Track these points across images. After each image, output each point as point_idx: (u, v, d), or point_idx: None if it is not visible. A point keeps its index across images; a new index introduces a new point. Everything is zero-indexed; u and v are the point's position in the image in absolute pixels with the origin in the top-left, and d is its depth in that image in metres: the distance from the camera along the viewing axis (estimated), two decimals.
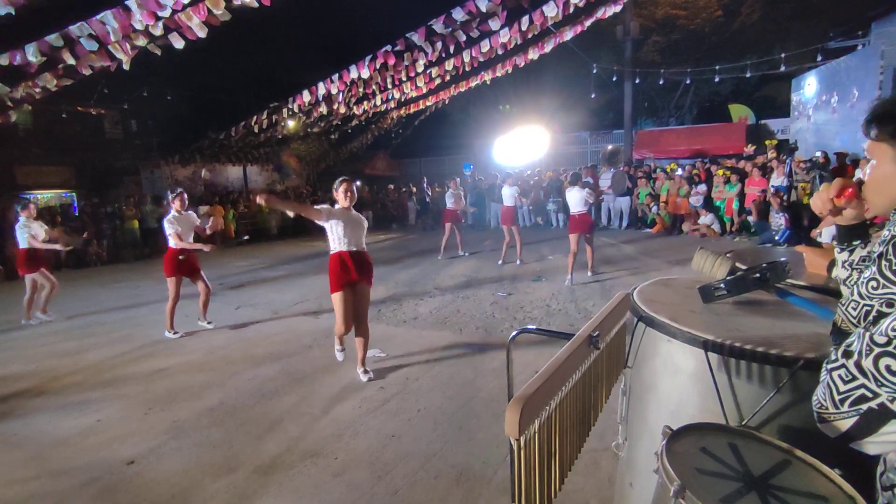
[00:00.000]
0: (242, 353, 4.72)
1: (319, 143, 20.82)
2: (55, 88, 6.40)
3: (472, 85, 11.61)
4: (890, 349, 0.76)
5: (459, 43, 7.80)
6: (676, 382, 1.51)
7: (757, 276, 1.62)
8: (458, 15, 6.85)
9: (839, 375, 0.82)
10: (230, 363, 4.46)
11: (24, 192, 15.31)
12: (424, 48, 7.78)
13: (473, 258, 9.64)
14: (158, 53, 6.05)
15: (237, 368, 4.31)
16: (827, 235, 6.98)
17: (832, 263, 1.24)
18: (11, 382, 4.24)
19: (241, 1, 5.33)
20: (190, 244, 5.27)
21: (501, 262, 8.77)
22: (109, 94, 14.85)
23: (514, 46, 8.42)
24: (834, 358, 0.85)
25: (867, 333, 0.81)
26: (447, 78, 10.17)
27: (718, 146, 15.89)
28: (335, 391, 3.68)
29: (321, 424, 3.21)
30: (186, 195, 5.42)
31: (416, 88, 10.93)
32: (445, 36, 7.45)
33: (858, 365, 0.80)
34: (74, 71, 6.04)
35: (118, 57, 5.87)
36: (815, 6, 15.42)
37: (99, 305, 6.77)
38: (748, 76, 15.69)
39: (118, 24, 5.18)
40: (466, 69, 9.39)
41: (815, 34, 14.64)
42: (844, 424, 0.81)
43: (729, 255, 1.93)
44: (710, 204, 11.51)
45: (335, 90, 9.25)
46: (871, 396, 0.78)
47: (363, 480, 2.58)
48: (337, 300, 3.66)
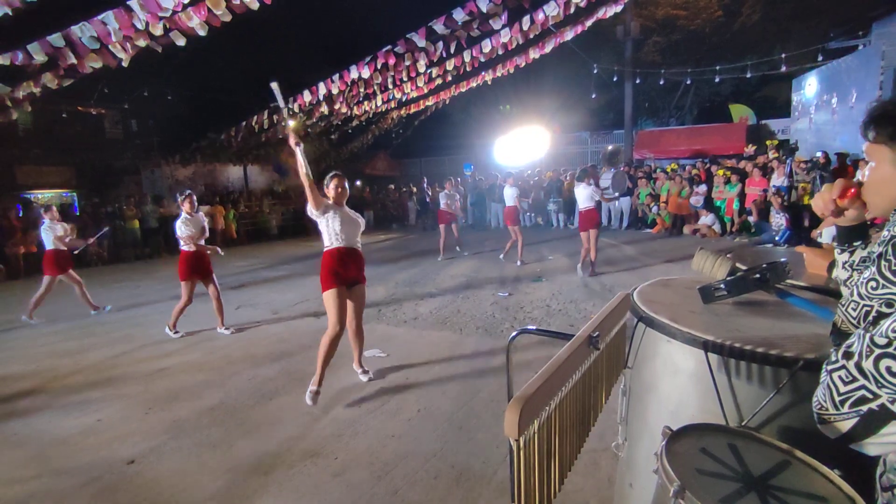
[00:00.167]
0: (242, 353, 4.73)
1: (319, 142, 20.80)
2: (55, 87, 6.42)
3: (472, 85, 11.61)
4: (890, 350, 0.76)
5: (461, 42, 7.80)
6: (676, 383, 1.51)
7: (757, 276, 1.62)
8: (458, 16, 6.85)
9: (839, 377, 0.82)
10: (230, 363, 4.46)
11: (24, 192, 15.33)
12: (425, 48, 7.79)
13: (473, 258, 9.64)
14: (159, 51, 6.05)
15: (237, 368, 4.31)
16: (827, 236, 6.98)
17: (832, 264, 1.24)
18: (12, 382, 4.25)
19: (241, 0, 5.33)
20: (203, 246, 5.28)
21: (503, 256, 8.91)
22: (110, 93, 14.86)
23: (514, 46, 8.42)
24: (834, 359, 0.85)
25: (867, 335, 0.81)
26: (448, 78, 10.17)
27: (719, 146, 15.89)
28: (335, 391, 3.68)
29: (321, 424, 3.21)
30: (195, 196, 5.41)
31: (416, 88, 10.93)
32: (446, 36, 7.45)
33: (859, 366, 0.80)
34: (75, 70, 6.05)
35: (118, 56, 5.88)
36: (815, 6, 15.41)
37: (99, 305, 6.76)
38: (749, 76, 15.69)
39: (119, 24, 5.18)
40: (467, 69, 9.39)
41: (815, 34, 14.65)
42: (844, 425, 0.81)
43: (729, 255, 1.92)
44: (710, 204, 11.51)
45: (336, 90, 9.25)
46: (871, 398, 0.78)
47: (363, 480, 2.58)
48: (331, 298, 3.47)
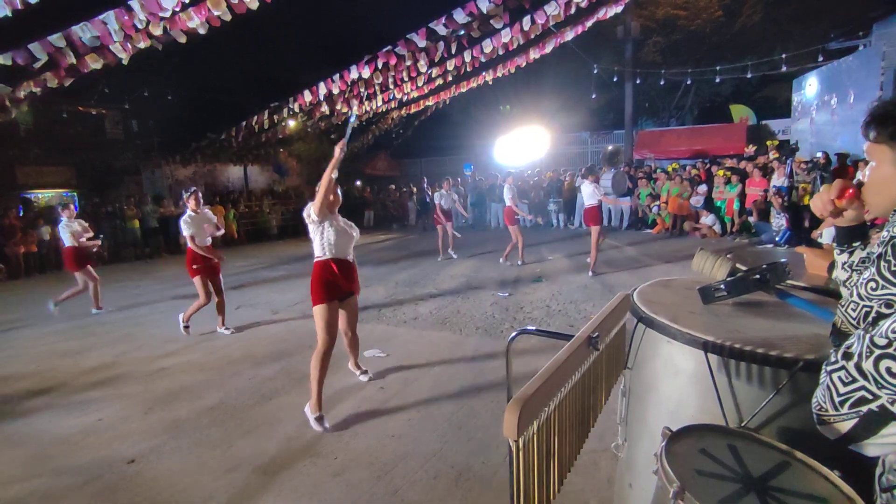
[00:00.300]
0: (242, 353, 4.73)
1: (320, 143, 20.81)
2: (56, 86, 6.43)
3: (473, 85, 11.61)
4: (890, 351, 0.76)
5: (462, 42, 7.81)
6: (676, 383, 1.51)
7: (757, 277, 1.62)
8: (459, 17, 6.85)
9: (839, 377, 0.82)
10: (230, 363, 4.46)
11: (24, 191, 15.32)
12: (426, 48, 7.79)
13: (473, 258, 9.64)
14: (159, 48, 6.07)
15: (237, 368, 4.31)
16: (828, 236, 6.98)
17: (832, 265, 1.24)
18: (12, 382, 4.25)
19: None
20: (207, 249, 5.22)
21: (503, 259, 8.77)
22: (110, 93, 14.85)
23: (515, 47, 8.42)
24: (833, 360, 0.85)
25: (867, 335, 0.81)
26: (448, 78, 10.18)
27: (719, 147, 15.88)
28: (335, 391, 3.68)
29: None
30: (201, 193, 5.36)
31: (416, 89, 10.94)
32: (447, 36, 7.46)
33: (858, 367, 0.80)
34: (76, 70, 6.06)
35: (119, 56, 5.89)
36: (816, 7, 15.40)
37: (103, 306, 6.76)
38: (749, 77, 15.67)
39: (119, 24, 5.18)
40: (467, 69, 9.40)
41: (815, 35, 14.64)
42: (844, 426, 0.81)
43: (729, 255, 1.92)
44: (710, 204, 11.50)
45: (336, 90, 9.25)
46: (871, 398, 0.78)
47: (362, 480, 2.58)
48: (322, 313, 3.26)
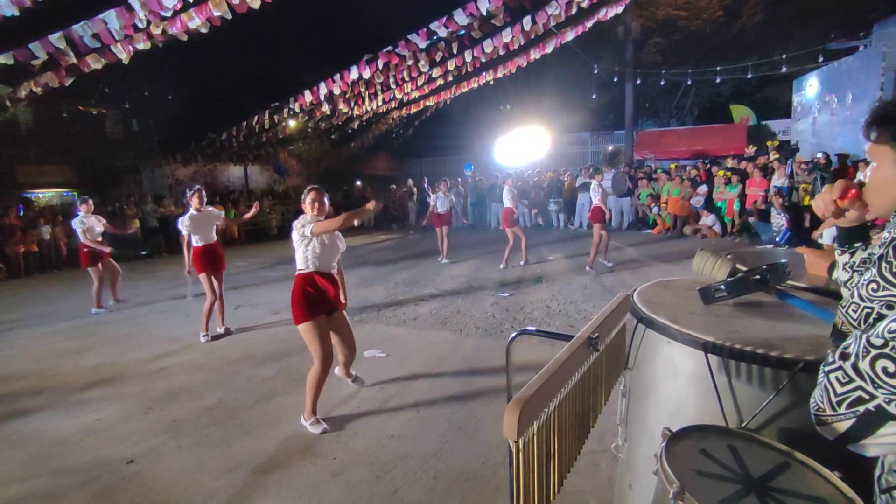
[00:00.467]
0: (242, 352, 4.73)
1: (320, 143, 20.81)
2: (56, 85, 6.44)
3: (473, 85, 11.61)
4: (886, 351, 0.76)
5: (463, 42, 7.81)
6: (676, 384, 1.51)
7: (757, 277, 1.62)
8: (459, 18, 6.86)
9: (836, 377, 0.82)
10: (230, 363, 4.46)
11: (24, 191, 15.32)
12: (427, 49, 7.80)
13: (474, 258, 9.63)
14: (160, 46, 6.09)
15: (237, 368, 4.31)
16: (828, 237, 6.96)
17: (833, 265, 1.24)
18: (12, 382, 4.25)
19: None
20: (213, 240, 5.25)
21: (504, 264, 8.36)
22: (110, 93, 14.85)
23: (515, 47, 8.43)
24: (831, 360, 0.85)
25: (864, 335, 0.81)
26: (449, 78, 10.18)
27: (719, 147, 15.87)
28: (335, 391, 3.67)
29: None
30: (204, 191, 5.37)
31: (417, 89, 10.94)
32: (447, 37, 7.46)
33: (855, 367, 0.80)
34: (76, 69, 6.07)
35: (119, 56, 5.90)
36: (816, 7, 15.39)
37: (104, 306, 6.76)
38: (749, 77, 15.65)
39: (120, 23, 5.19)
40: (468, 70, 9.39)
41: (816, 35, 14.63)
42: (842, 426, 0.81)
43: (729, 256, 1.92)
44: (711, 205, 11.49)
45: (337, 90, 9.25)
46: (868, 398, 0.78)
47: (362, 480, 2.58)
48: (310, 330, 3.00)
